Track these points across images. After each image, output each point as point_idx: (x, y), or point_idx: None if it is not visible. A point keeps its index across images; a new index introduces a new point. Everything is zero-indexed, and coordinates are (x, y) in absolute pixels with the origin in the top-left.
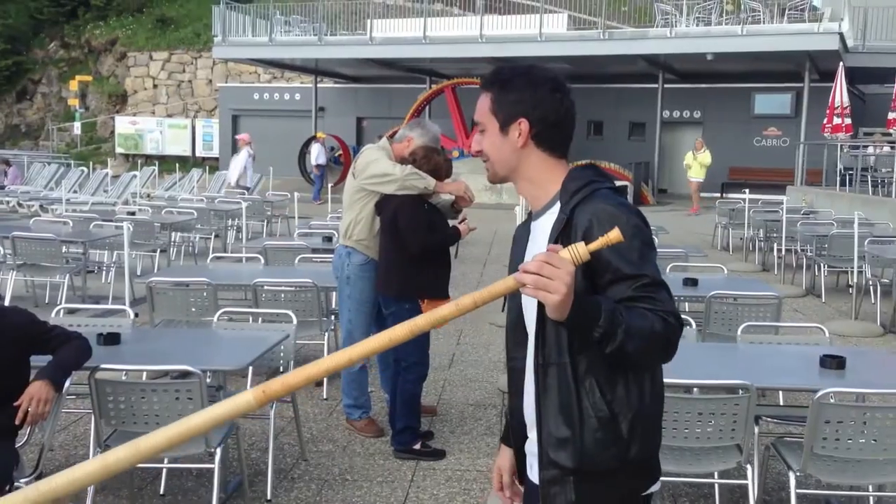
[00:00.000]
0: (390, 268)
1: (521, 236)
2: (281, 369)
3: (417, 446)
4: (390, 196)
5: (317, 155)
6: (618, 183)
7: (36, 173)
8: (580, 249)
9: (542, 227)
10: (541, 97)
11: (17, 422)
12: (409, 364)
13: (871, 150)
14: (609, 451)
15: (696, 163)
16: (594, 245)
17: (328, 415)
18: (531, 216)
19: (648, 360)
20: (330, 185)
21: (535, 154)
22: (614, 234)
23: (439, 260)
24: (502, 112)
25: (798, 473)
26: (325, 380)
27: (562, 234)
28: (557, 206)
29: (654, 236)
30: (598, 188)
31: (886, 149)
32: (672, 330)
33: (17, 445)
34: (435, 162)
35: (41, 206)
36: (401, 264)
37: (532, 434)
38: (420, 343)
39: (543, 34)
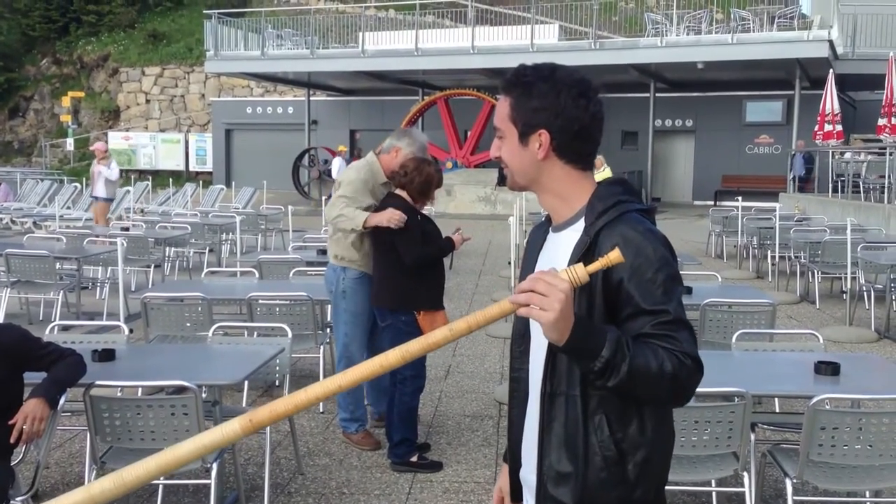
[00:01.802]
0: (385, 280)
1: (535, 242)
2: (276, 383)
3: (414, 459)
4: (386, 207)
5: (339, 168)
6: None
7: (29, 190)
8: (578, 271)
9: (563, 243)
10: (564, 105)
11: (12, 440)
12: (405, 377)
13: (847, 156)
14: (613, 491)
15: None
16: (593, 267)
17: (324, 428)
18: (549, 222)
19: (657, 401)
20: (324, 199)
21: (557, 166)
22: (614, 255)
23: (434, 271)
24: (521, 120)
25: (795, 480)
26: None
27: (584, 257)
28: (581, 223)
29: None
30: (627, 210)
31: (863, 155)
32: (686, 372)
33: (13, 463)
34: (427, 173)
35: (34, 222)
36: (396, 277)
37: (530, 462)
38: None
39: (535, 45)
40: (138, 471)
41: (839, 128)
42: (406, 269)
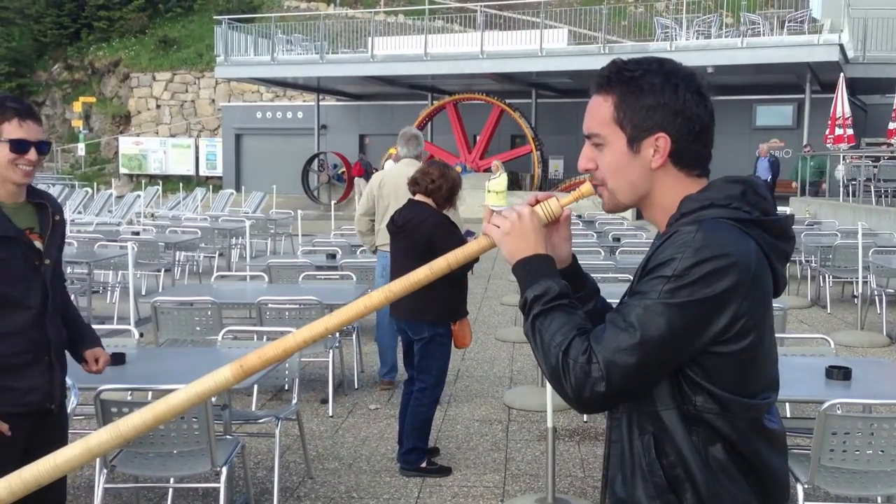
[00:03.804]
0: (422, 294)
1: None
2: (286, 387)
3: (423, 464)
4: (422, 220)
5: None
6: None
7: None
8: (552, 204)
9: None
10: (684, 101)
11: (96, 369)
12: (426, 385)
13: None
14: None
15: (490, 191)
16: (566, 200)
17: (334, 432)
18: None
19: (549, 378)
20: (333, 203)
21: (670, 175)
22: (586, 188)
23: (464, 279)
24: (632, 122)
25: (806, 485)
26: (330, 397)
27: (643, 266)
28: None
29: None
30: (715, 216)
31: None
32: (580, 367)
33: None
34: (452, 179)
35: None
36: (440, 289)
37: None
38: (442, 365)
39: (544, 49)
40: (134, 421)
41: (850, 131)
42: (450, 281)
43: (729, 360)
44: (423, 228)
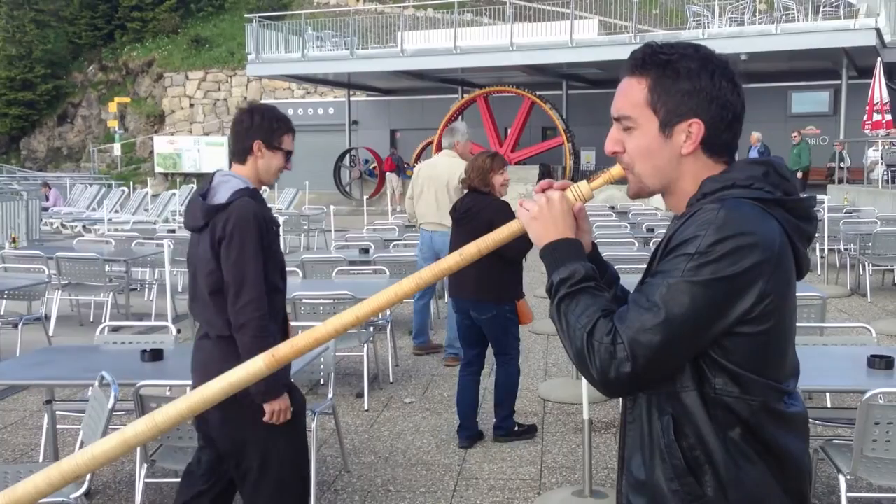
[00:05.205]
0: (486, 274)
1: None
2: (321, 381)
3: (516, 428)
4: (482, 207)
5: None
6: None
7: (78, 194)
8: (582, 188)
9: None
10: (720, 87)
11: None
12: (511, 357)
13: None
14: None
15: None
16: (597, 183)
17: (370, 426)
18: None
19: (574, 361)
20: (365, 198)
21: (699, 162)
22: (616, 171)
23: (518, 263)
24: (666, 106)
25: (848, 476)
26: (365, 391)
27: (660, 247)
28: None
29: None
30: (735, 196)
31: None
32: (605, 348)
33: None
34: (477, 166)
35: (84, 226)
36: (499, 270)
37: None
38: (517, 338)
39: (574, 40)
40: (170, 412)
41: (888, 117)
42: (510, 262)
43: (753, 340)
44: (484, 214)
